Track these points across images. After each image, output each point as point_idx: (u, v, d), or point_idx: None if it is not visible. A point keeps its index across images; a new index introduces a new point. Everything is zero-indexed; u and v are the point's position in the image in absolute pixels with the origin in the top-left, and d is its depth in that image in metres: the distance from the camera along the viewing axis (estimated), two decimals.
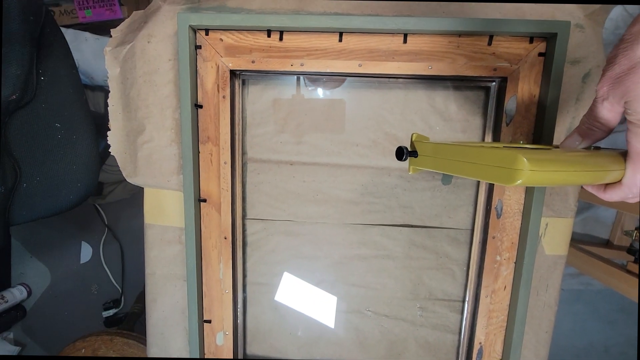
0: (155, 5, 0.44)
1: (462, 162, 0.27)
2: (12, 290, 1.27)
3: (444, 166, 0.30)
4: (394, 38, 0.42)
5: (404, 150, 0.32)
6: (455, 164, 0.28)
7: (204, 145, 0.45)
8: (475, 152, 0.26)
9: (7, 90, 0.54)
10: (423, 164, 0.33)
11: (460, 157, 0.28)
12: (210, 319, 0.49)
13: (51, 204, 0.64)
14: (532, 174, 0.21)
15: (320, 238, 0.51)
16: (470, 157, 0.27)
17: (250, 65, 0.43)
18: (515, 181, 0.22)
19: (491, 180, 0.24)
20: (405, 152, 0.32)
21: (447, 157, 0.29)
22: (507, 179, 0.22)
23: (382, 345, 0.52)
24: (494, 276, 0.46)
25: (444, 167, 0.30)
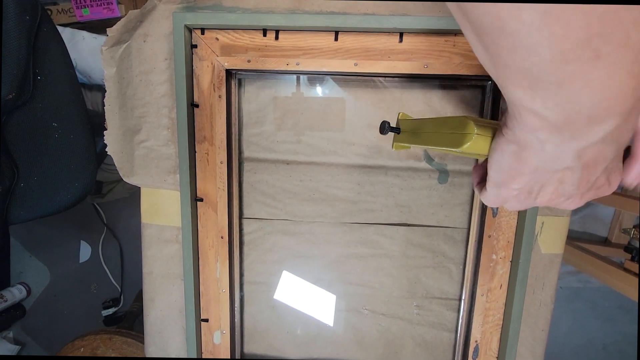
0: (150, 5, 0.44)
1: (430, 132, 0.30)
2: (11, 289, 1.27)
3: (418, 139, 0.32)
4: (390, 37, 0.42)
5: (386, 125, 0.33)
6: (426, 136, 0.30)
7: (200, 145, 0.45)
8: (438, 122, 0.29)
9: (3, 90, 0.54)
10: (404, 140, 0.34)
11: (429, 128, 0.30)
12: (208, 318, 0.49)
13: (49, 204, 0.64)
14: (478, 137, 0.23)
15: (317, 237, 0.51)
16: (435, 128, 0.29)
17: (246, 65, 0.43)
18: (465, 143, 0.24)
19: (447, 145, 0.26)
20: (387, 126, 0.33)
21: (420, 130, 0.32)
22: (458, 142, 0.24)
23: (379, 344, 0.53)
24: (490, 275, 0.46)
25: (418, 141, 0.32)
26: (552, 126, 0.17)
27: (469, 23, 0.15)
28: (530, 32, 0.13)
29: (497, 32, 0.14)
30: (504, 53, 0.15)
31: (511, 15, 0.13)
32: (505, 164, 0.22)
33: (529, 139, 0.18)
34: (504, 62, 0.15)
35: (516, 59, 0.15)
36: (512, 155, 0.21)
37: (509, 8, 0.13)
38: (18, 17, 0.53)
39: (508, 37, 0.14)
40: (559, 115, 0.16)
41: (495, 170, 0.23)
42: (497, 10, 0.13)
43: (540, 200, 0.24)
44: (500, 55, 0.15)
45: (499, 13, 0.13)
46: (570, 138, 0.17)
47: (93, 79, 1.03)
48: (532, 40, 0.13)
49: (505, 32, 0.14)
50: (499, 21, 0.13)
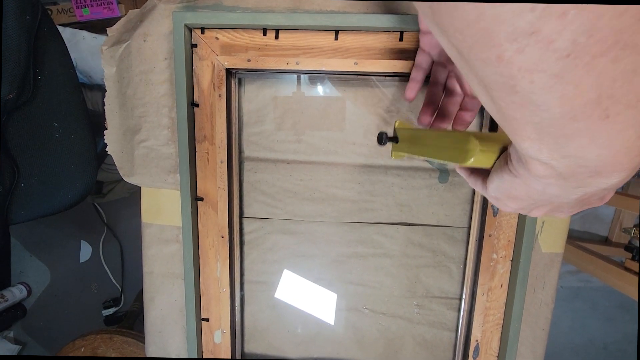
0: (150, 4, 0.44)
1: (430, 145, 0.30)
2: (12, 289, 1.27)
3: (417, 150, 0.32)
4: (390, 36, 0.42)
5: (384, 136, 0.34)
6: (425, 148, 0.31)
7: (200, 144, 0.45)
8: (439, 135, 0.29)
9: (4, 90, 0.54)
10: (403, 149, 0.35)
11: (428, 141, 0.30)
12: (208, 317, 0.49)
13: (49, 203, 0.64)
14: (481, 153, 0.23)
15: (317, 236, 0.51)
16: (435, 141, 0.29)
17: (246, 64, 0.43)
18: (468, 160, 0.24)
19: (449, 159, 0.26)
20: (384, 137, 0.34)
21: (419, 142, 0.32)
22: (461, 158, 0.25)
23: (379, 343, 0.53)
24: (491, 274, 0.46)
25: (417, 151, 0.32)
26: (558, 175, 0.17)
27: (476, 78, 0.15)
28: (542, 92, 0.13)
29: (508, 89, 0.14)
30: (512, 107, 0.15)
31: (522, 76, 0.13)
32: (505, 190, 0.22)
33: (534, 181, 0.19)
34: (512, 115, 0.15)
35: (525, 114, 0.15)
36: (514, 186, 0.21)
37: (520, 69, 0.13)
38: (18, 17, 0.53)
39: (518, 95, 0.14)
40: (565, 167, 0.16)
41: (494, 190, 0.24)
42: (509, 71, 0.13)
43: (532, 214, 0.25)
44: (508, 109, 0.15)
45: (510, 73, 0.13)
46: (575, 187, 0.18)
47: (93, 79, 1.03)
48: (542, 99, 0.13)
49: (516, 90, 0.14)
50: (511, 80, 0.13)
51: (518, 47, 0.12)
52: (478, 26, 0.12)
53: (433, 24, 0.15)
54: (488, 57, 0.13)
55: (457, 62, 0.16)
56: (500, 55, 0.13)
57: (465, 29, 0.13)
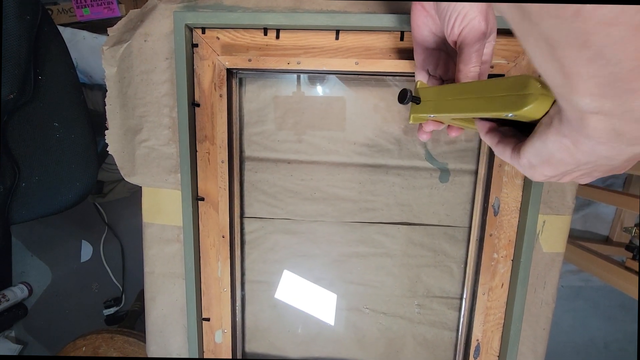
0: (151, 4, 0.44)
1: (465, 98, 0.27)
2: (13, 289, 1.28)
3: (446, 107, 0.29)
4: (390, 36, 0.41)
5: (408, 93, 0.31)
6: (458, 102, 0.27)
7: (201, 144, 0.45)
8: (483, 84, 0.26)
9: (4, 90, 0.54)
10: (425, 109, 0.31)
11: (463, 94, 0.27)
12: (209, 317, 0.49)
13: (50, 203, 0.64)
14: (543, 97, 0.21)
15: (318, 236, 0.51)
16: (475, 92, 0.26)
17: (247, 64, 0.43)
18: (527, 105, 0.21)
19: (498, 110, 0.23)
20: (409, 94, 0.31)
21: (449, 97, 0.29)
22: (518, 104, 0.22)
23: (380, 343, 0.53)
24: (492, 274, 0.46)
25: (446, 108, 0.29)
26: (614, 132, 0.17)
27: (540, 37, 0.15)
28: (616, 45, 0.13)
29: (579, 45, 0.14)
30: (579, 63, 0.15)
31: (599, 30, 0.13)
32: (548, 153, 0.21)
33: (584, 141, 0.18)
34: (577, 72, 0.15)
35: (592, 69, 0.14)
36: (559, 147, 0.20)
37: (598, 23, 0.13)
38: (19, 17, 0.53)
39: (589, 50, 0.14)
40: (624, 123, 0.16)
41: (533, 154, 0.22)
42: (585, 26, 0.13)
43: (562, 180, 0.24)
44: (574, 65, 0.15)
45: (586, 28, 0.13)
46: (628, 144, 0.17)
47: (94, 79, 1.03)
48: (615, 53, 0.13)
49: (588, 46, 0.14)
50: (585, 35, 0.13)
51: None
52: None
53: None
54: (563, 13, 0.13)
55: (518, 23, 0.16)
56: (578, 10, 0.13)
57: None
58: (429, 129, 0.35)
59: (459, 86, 0.29)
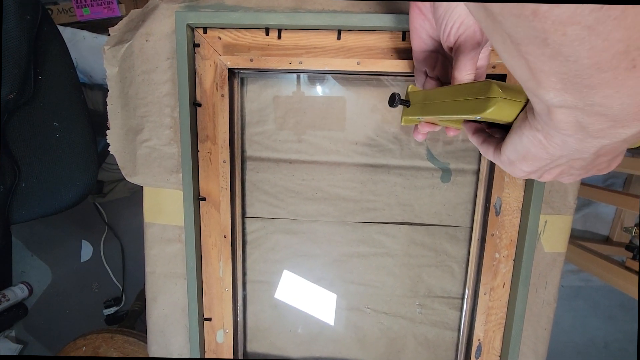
0: (152, 4, 0.44)
1: (445, 102, 0.28)
2: (13, 288, 1.27)
3: (430, 110, 0.31)
4: (392, 35, 0.41)
5: (396, 97, 0.32)
6: (440, 105, 0.29)
7: (202, 144, 0.45)
8: (454, 89, 0.28)
9: (4, 90, 0.54)
10: (414, 112, 0.33)
11: (443, 97, 0.29)
12: (211, 317, 0.49)
13: (50, 203, 0.64)
14: (502, 101, 0.22)
15: (319, 236, 0.51)
16: (452, 95, 0.28)
17: (249, 64, 0.43)
18: (489, 108, 0.23)
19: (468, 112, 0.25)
20: (397, 98, 0.32)
21: (434, 100, 0.30)
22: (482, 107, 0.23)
23: (381, 343, 0.53)
24: (493, 273, 0.46)
25: (430, 111, 0.31)
26: (579, 124, 0.17)
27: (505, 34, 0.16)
28: (572, 44, 0.14)
29: (539, 43, 0.14)
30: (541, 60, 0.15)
31: (556, 29, 0.13)
32: (523, 148, 0.22)
33: (554, 133, 0.19)
34: (540, 68, 0.16)
35: (553, 65, 0.15)
36: (533, 142, 0.21)
37: (554, 22, 0.13)
38: (19, 17, 0.53)
39: (548, 48, 0.14)
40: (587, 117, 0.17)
41: (511, 150, 0.23)
42: (543, 25, 0.14)
43: (543, 178, 0.25)
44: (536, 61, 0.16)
45: (543, 27, 0.14)
46: (594, 137, 0.18)
47: (94, 79, 1.03)
48: (572, 51, 0.14)
49: (547, 44, 0.14)
50: (543, 34, 0.14)
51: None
52: None
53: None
54: (522, 12, 0.14)
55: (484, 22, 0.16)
56: (535, 10, 0.13)
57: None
58: (424, 131, 0.35)
59: (439, 90, 0.30)
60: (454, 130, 0.36)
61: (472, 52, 0.29)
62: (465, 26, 0.29)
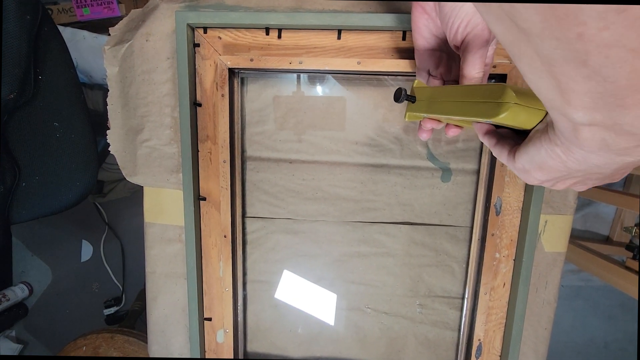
0: (153, 4, 0.44)
1: (452, 101, 0.28)
2: (13, 288, 1.28)
3: (437, 109, 0.30)
4: (392, 35, 0.41)
5: (402, 92, 0.31)
6: (447, 105, 0.28)
7: (203, 144, 0.45)
8: (467, 89, 0.27)
9: (5, 90, 0.54)
10: (419, 109, 0.32)
11: (452, 96, 0.28)
12: (211, 317, 0.49)
13: (50, 203, 0.64)
14: (517, 107, 0.22)
15: (319, 236, 0.51)
16: (460, 96, 0.27)
17: (249, 64, 0.43)
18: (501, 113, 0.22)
19: (478, 115, 0.24)
20: (403, 93, 0.31)
21: (441, 99, 0.30)
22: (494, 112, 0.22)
23: (382, 342, 0.53)
24: (493, 273, 0.46)
25: (437, 110, 0.30)
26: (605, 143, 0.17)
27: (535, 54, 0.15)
28: (614, 66, 0.13)
29: (577, 64, 0.14)
30: (575, 80, 0.15)
31: (599, 52, 0.13)
32: (540, 160, 0.22)
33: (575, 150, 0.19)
34: (572, 88, 0.15)
35: (588, 86, 0.15)
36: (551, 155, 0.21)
37: (598, 45, 0.13)
38: (19, 17, 0.53)
39: (587, 69, 0.14)
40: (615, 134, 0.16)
41: (526, 160, 0.23)
42: (586, 48, 0.13)
43: (556, 187, 0.24)
44: (569, 82, 0.15)
45: (586, 49, 0.13)
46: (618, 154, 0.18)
47: (94, 79, 1.03)
48: (612, 73, 0.14)
49: (587, 65, 0.14)
50: (585, 56, 0.13)
51: (604, 24, 0.12)
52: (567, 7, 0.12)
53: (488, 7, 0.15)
54: (567, 35, 0.13)
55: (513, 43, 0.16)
56: (581, 32, 0.13)
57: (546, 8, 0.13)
58: (428, 127, 0.35)
59: (448, 89, 0.30)
60: (454, 130, 0.35)
61: (481, 50, 0.29)
62: (473, 24, 0.29)
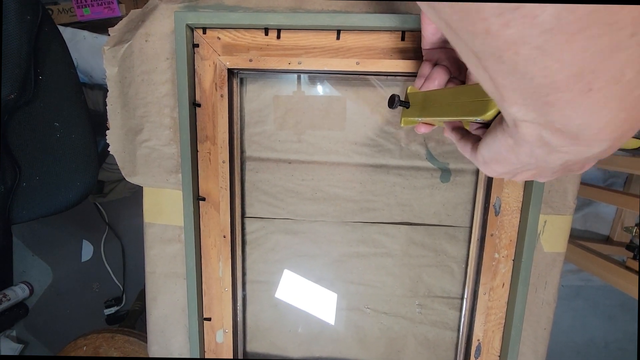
0: (152, 4, 0.44)
1: (445, 104, 0.29)
2: (14, 288, 1.28)
3: (431, 112, 0.31)
4: (392, 35, 0.41)
5: (396, 98, 0.32)
6: (439, 108, 0.29)
7: (202, 144, 0.45)
8: (454, 91, 0.28)
9: (5, 90, 0.54)
10: (413, 114, 0.33)
11: (443, 99, 0.29)
12: (210, 317, 0.49)
13: (51, 203, 0.64)
14: None
15: (319, 236, 0.51)
16: (451, 98, 0.28)
17: (248, 64, 0.43)
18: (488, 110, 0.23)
19: (468, 115, 0.25)
20: (397, 99, 0.32)
21: (433, 103, 0.31)
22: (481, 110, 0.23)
23: (381, 342, 0.53)
24: (493, 273, 0.46)
25: (430, 113, 0.31)
26: (542, 139, 0.18)
27: (467, 48, 0.16)
28: (526, 63, 0.14)
29: (496, 59, 0.15)
30: (500, 75, 0.16)
31: (508, 48, 0.14)
32: (496, 149, 0.23)
33: (522, 143, 0.20)
34: (501, 83, 0.16)
35: (512, 81, 0.15)
36: (505, 146, 0.21)
37: (506, 42, 0.13)
38: (19, 17, 0.53)
39: (505, 64, 0.15)
40: (549, 133, 0.17)
41: (486, 150, 0.24)
42: (496, 43, 0.14)
43: (517, 179, 0.25)
44: (497, 77, 0.16)
45: (497, 45, 0.14)
46: (558, 152, 0.18)
47: (94, 79, 1.03)
48: (526, 69, 0.14)
49: (503, 60, 0.14)
50: (498, 51, 0.14)
51: (504, 21, 0.13)
52: (468, 3, 0.13)
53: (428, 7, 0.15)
54: (476, 30, 0.14)
55: (449, 35, 0.17)
56: (487, 28, 0.13)
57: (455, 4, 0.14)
58: (422, 131, 0.36)
59: (439, 92, 0.31)
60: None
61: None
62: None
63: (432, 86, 0.36)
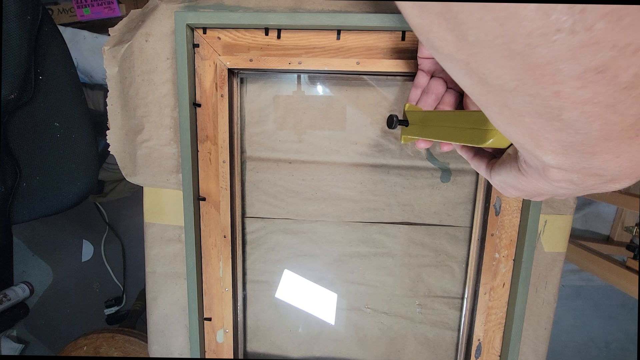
0: (152, 4, 0.44)
1: (444, 126, 0.29)
2: (14, 288, 1.28)
3: (430, 133, 0.31)
4: (392, 35, 0.41)
5: (394, 119, 0.33)
6: (439, 129, 0.29)
7: (202, 144, 0.45)
8: (454, 115, 0.28)
9: (5, 90, 0.54)
10: (413, 132, 0.34)
11: (442, 122, 0.29)
12: (211, 317, 0.49)
13: (51, 203, 0.65)
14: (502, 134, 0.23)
15: (319, 236, 0.51)
16: (451, 121, 0.28)
17: (248, 64, 0.43)
18: (487, 140, 0.23)
19: (467, 141, 0.25)
20: (395, 120, 0.33)
21: (432, 123, 0.31)
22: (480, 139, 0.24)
23: (381, 342, 0.53)
24: (493, 273, 0.46)
25: (429, 134, 0.31)
26: (571, 182, 0.18)
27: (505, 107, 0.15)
28: (587, 120, 0.13)
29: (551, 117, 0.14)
30: (546, 130, 0.15)
31: (574, 107, 0.13)
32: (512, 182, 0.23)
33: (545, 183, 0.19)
34: (544, 136, 0.15)
35: (559, 136, 0.15)
36: (521, 182, 0.22)
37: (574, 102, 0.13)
38: (19, 17, 0.53)
39: (561, 122, 0.14)
40: (583, 176, 0.17)
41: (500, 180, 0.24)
42: (561, 104, 0.13)
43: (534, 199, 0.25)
44: (541, 131, 0.15)
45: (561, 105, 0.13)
46: (586, 190, 0.18)
47: (94, 79, 1.03)
48: (585, 126, 0.14)
49: (560, 119, 0.14)
50: (559, 110, 0.13)
51: (582, 84, 0.12)
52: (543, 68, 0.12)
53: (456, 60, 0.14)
54: (541, 93, 0.13)
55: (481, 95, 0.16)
56: (558, 91, 0.13)
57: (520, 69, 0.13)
58: (422, 147, 0.36)
59: (438, 114, 0.31)
60: (449, 146, 0.36)
61: None
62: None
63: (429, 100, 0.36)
